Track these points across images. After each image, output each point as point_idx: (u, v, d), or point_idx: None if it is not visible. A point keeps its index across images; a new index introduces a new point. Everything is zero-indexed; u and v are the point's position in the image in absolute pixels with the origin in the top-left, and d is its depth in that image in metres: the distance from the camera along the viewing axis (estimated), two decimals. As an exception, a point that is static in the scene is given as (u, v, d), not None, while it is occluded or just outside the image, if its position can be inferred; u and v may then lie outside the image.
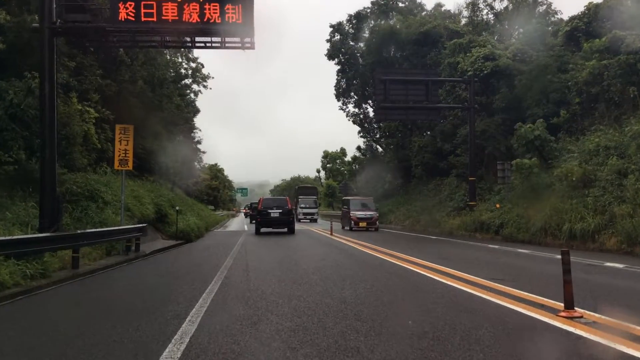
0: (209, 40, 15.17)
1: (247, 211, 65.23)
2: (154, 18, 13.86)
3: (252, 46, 14.74)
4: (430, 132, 37.04)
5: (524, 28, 31.74)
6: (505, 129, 26.24)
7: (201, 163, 53.43)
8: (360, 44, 47.49)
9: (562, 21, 31.02)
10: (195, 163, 48.98)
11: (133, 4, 13.76)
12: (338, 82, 49.60)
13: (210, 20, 14.06)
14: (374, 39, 42.66)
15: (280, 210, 25.68)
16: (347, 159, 73.24)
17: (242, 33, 14.53)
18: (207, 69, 70.30)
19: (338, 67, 48.82)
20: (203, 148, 48.26)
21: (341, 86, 49.50)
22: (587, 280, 8.92)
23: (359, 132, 52.34)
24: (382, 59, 41.44)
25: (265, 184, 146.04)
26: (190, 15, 13.91)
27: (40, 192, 13.33)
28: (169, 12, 13.86)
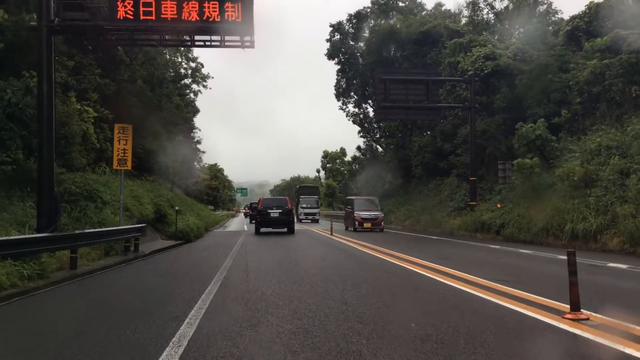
0: (209, 38, 15.00)
1: (246, 211, 65.20)
2: (152, 16, 13.73)
3: (251, 45, 14.60)
4: (430, 132, 36.93)
5: (525, 27, 31.65)
6: (506, 128, 26.16)
7: (201, 163, 53.36)
8: (361, 43, 47.37)
9: (562, 21, 31.00)
10: (195, 163, 48.82)
11: (132, 2, 13.61)
12: (338, 81, 49.46)
13: (210, 19, 13.94)
14: (374, 38, 42.56)
15: (280, 210, 25.68)
16: (347, 159, 73.06)
17: (241, 31, 14.39)
18: (206, 69, 70.39)
19: (338, 67, 48.69)
20: (203, 148, 48.27)
21: (341, 86, 49.37)
22: (591, 281, 8.80)
23: (359, 132, 52.25)
24: (382, 59, 41.31)
25: (265, 184, 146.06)
26: (189, 13, 13.78)
27: (37, 191, 13.19)
28: (168, 10, 13.74)
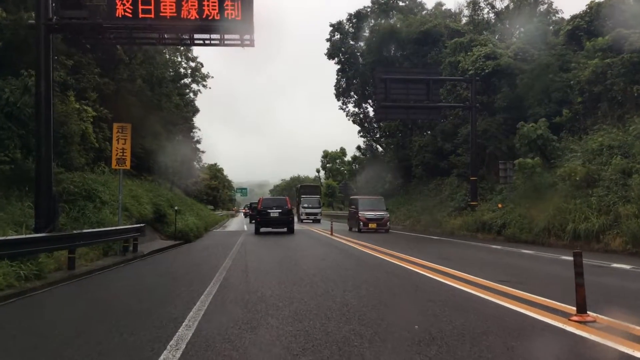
0: (208, 37, 14.89)
1: (246, 211, 65.10)
2: (151, 15, 13.63)
3: (251, 44, 14.48)
4: (430, 131, 36.84)
5: (525, 27, 31.56)
6: (507, 128, 26.07)
7: (200, 163, 53.19)
8: (361, 43, 47.30)
9: (563, 20, 30.94)
10: (195, 163, 48.68)
11: (130, 0, 13.54)
12: (338, 81, 49.38)
13: (209, 17, 13.83)
14: (374, 38, 42.49)
15: (280, 210, 25.62)
16: (347, 158, 72.96)
17: (241, 30, 14.27)
18: (206, 68, 70.10)
19: (338, 67, 48.64)
20: (202, 148, 48.07)
21: (341, 86, 49.28)
22: (595, 283, 8.67)
23: (359, 132, 52.18)
24: (383, 58, 41.23)
25: (264, 184, 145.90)
26: (188, 11, 13.67)
27: (35, 191, 13.07)
28: (167, 8, 13.63)
